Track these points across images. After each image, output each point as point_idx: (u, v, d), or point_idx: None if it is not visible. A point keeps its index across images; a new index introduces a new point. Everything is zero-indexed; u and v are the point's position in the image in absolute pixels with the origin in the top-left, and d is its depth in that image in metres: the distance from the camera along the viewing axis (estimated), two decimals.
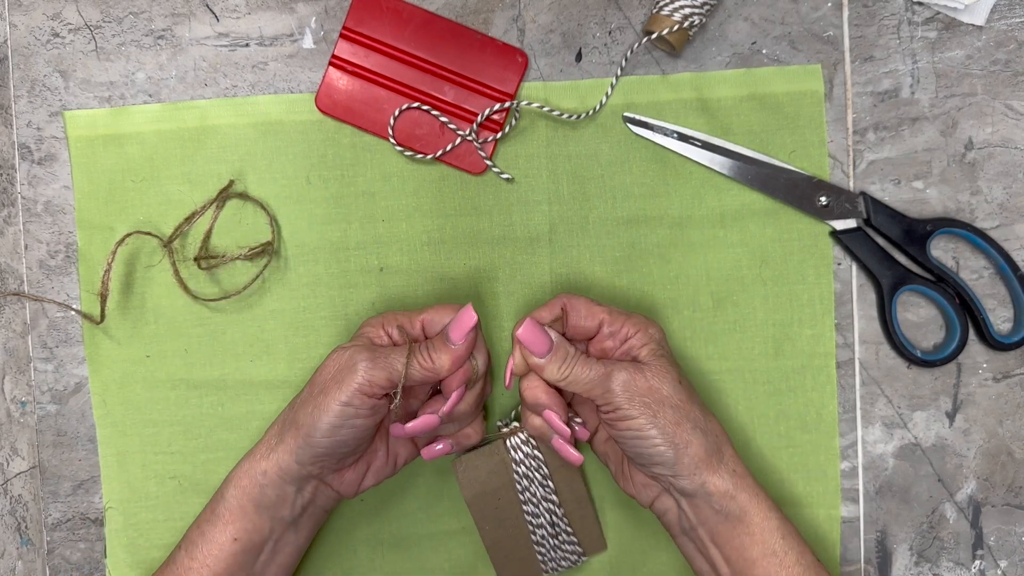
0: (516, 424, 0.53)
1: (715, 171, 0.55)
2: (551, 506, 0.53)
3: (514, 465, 0.52)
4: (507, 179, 0.55)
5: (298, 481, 0.47)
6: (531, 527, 0.53)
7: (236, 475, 0.48)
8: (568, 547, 0.54)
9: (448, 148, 0.54)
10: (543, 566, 0.54)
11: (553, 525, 0.53)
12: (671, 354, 0.49)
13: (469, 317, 0.47)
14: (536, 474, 0.52)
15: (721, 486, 0.46)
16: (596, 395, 0.46)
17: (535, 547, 0.53)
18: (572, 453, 0.48)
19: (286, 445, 0.47)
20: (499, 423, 0.54)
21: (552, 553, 0.53)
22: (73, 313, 0.55)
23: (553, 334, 0.47)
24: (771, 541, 0.46)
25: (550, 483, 0.53)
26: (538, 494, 0.53)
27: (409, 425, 0.48)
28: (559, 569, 0.54)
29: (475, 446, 0.52)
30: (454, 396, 0.48)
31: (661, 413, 0.46)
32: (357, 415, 0.46)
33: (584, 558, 0.54)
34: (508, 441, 0.52)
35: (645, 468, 0.47)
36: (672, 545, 0.54)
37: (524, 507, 0.53)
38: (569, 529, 0.53)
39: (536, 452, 0.52)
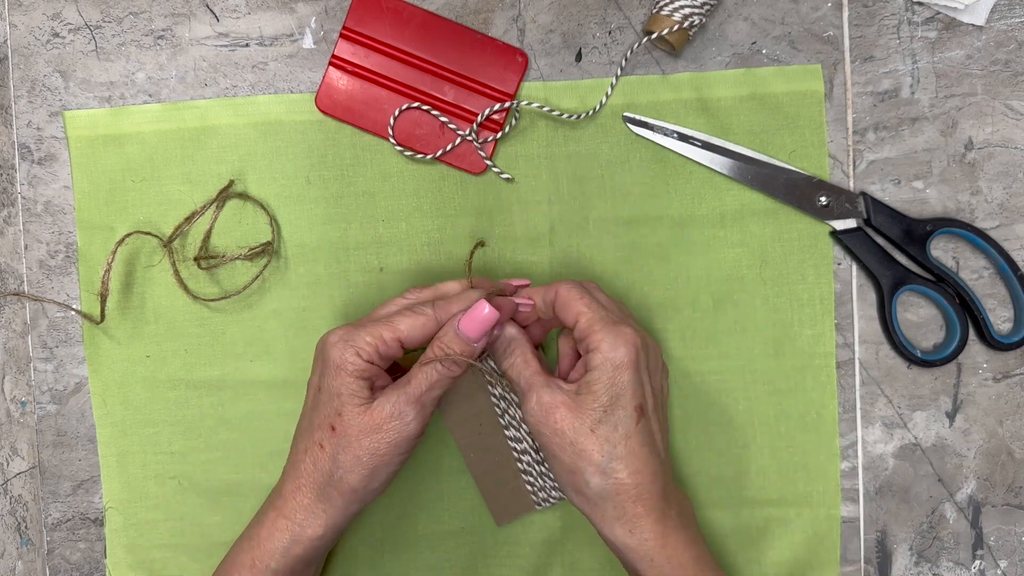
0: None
1: (715, 171, 0.55)
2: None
3: (489, 387, 0.52)
4: (507, 179, 0.55)
5: (344, 526, 0.48)
6: (516, 453, 0.52)
7: (280, 544, 0.47)
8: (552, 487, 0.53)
9: (448, 148, 0.54)
10: (533, 497, 0.53)
11: (537, 451, 0.52)
12: (631, 381, 0.45)
13: (489, 315, 0.45)
14: (512, 395, 0.52)
15: (619, 540, 0.45)
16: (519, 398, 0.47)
17: (523, 476, 0.53)
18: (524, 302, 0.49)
19: (341, 508, 0.46)
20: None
21: (540, 482, 0.53)
22: (73, 313, 0.55)
23: (510, 328, 0.48)
24: None
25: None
26: (517, 416, 0.52)
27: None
28: (550, 501, 0.53)
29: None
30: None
31: (558, 453, 0.45)
32: (410, 451, 0.47)
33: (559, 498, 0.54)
34: (482, 364, 0.50)
35: None
36: None
37: (506, 432, 0.52)
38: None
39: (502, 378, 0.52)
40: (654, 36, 0.52)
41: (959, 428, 0.55)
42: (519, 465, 0.53)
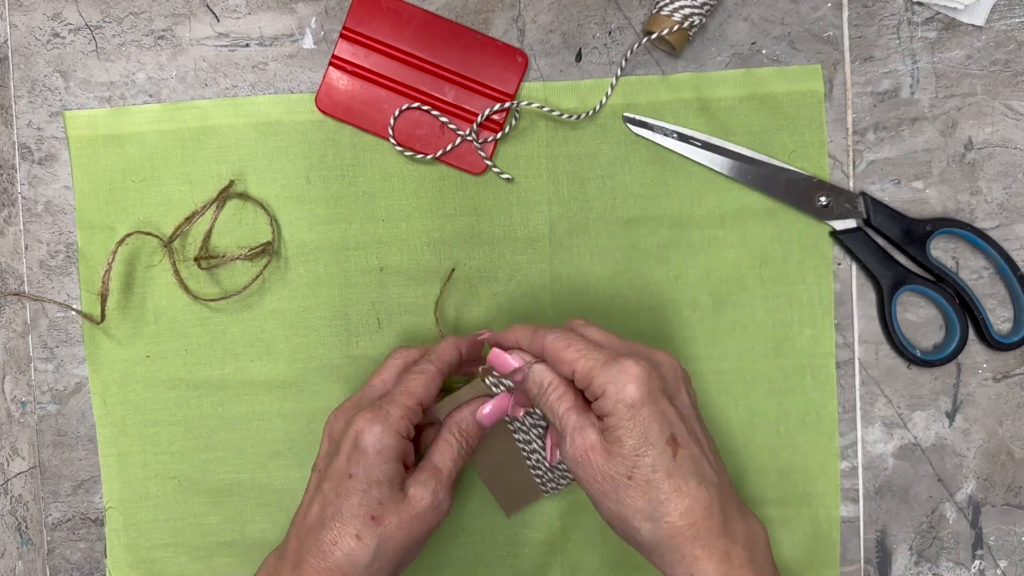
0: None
1: (715, 171, 0.55)
2: (541, 431, 0.51)
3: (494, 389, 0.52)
4: (507, 179, 0.55)
5: None
6: (525, 453, 0.52)
7: None
8: (565, 465, 0.53)
9: (448, 148, 0.54)
10: (542, 487, 0.53)
11: (546, 448, 0.53)
12: (652, 415, 0.41)
13: (504, 406, 0.47)
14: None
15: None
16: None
17: (531, 471, 0.52)
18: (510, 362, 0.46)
19: None
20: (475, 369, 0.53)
21: (550, 474, 0.53)
22: (73, 313, 0.55)
23: (527, 361, 0.46)
24: None
25: (536, 410, 0.51)
26: (527, 422, 0.52)
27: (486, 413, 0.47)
28: (560, 486, 0.53)
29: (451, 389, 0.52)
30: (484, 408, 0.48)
31: (602, 500, 0.42)
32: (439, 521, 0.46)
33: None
34: (485, 379, 0.50)
35: None
36: None
37: (515, 436, 0.52)
38: None
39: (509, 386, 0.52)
40: (654, 36, 0.52)
41: (959, 428, 0.55)
42: (528, 462, 0.53)
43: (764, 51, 0.54)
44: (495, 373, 0.49)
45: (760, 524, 0.43)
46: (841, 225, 0.54)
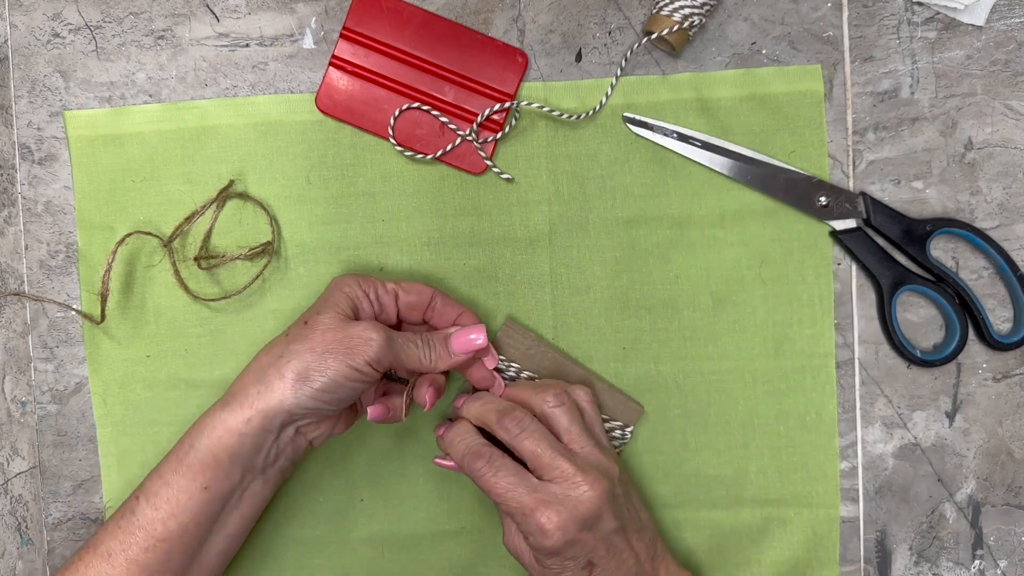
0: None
1: (715, 171, 0.55)
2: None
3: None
4: (507, 179, 0.55)
5: (279, 429, 0.47)
6: None
7: (208, 425, 0.47)
8: (608, 432, 0.54)
9: (448, 148, 0.54)
10: None
11: None
12: (570, 556, 0.46)
13: (479, 343, 0.49)
14: (519, 376, 0.54)
15: None
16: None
17: None
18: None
19: (275, 392, 0.46)
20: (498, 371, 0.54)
21: None
22: (73, 313, 0.55)
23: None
24: None
25: (513, 364, 0.53)
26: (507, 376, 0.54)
27: (373, 413, 0.50)
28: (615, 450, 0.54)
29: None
30: (430, 395, 0.50)
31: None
32: (360, 380, 0.47)
33: (629, 430, 0.54)
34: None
35: None
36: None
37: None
38: (604, 416, 0.53)
39: (519, 370, 0.53)
40: (654, 36, 0.52)
41: (959, 428, 0.55)
42: None
43: (764, 51, 0.55)
44: (499, 365, 0.53)
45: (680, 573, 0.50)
46: (841, 225, 0.54)
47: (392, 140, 0.54)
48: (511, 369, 0.54)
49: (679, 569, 0.50)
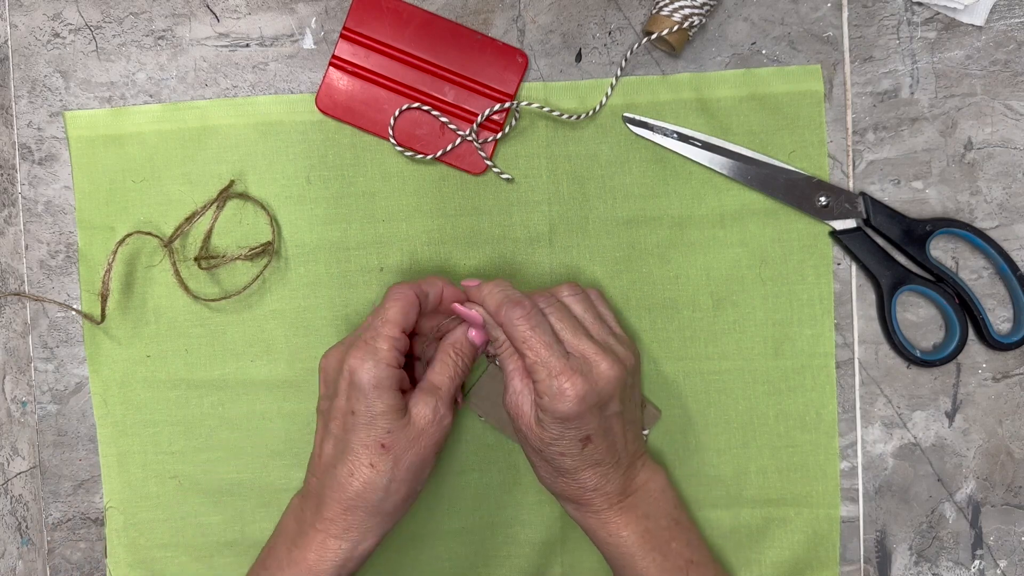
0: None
1: (715, 171, 0.55)
2: None
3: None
4: (507, 179, 0.55)
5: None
6: None
7: (331, 565, 0.47)
8: None
9: (448, 148, 0.54)
10: None
11: None
12: (574, 426, 0.46)
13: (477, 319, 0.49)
14: None
15: (571, 514, 0.50)
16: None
17: None
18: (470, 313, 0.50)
19: (390, 518, 0.48)
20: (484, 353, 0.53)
21: None
22: (73, 313, 0.55)
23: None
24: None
25: None
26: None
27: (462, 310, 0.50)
28: None
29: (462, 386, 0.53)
30: (478, 336, 0.51)
31: (522, 441, 0.49)
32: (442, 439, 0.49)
33: (645, 432, 0.54)
34: (497, 360, 0.52)
35: None
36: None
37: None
38: None
39: None
40: (654, 36, 0.52)
41: (959, 428, 0.55)
42: None
43: (764, 51, 0.55)
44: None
45: (655, 472, 0.51)
46: (841, 225, 0.54)
47: (392, 140, 0.54)
48: None
49: (654, 464, 0.51)
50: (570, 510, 0.50)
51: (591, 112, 0.54)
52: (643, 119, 0.54)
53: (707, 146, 0.54)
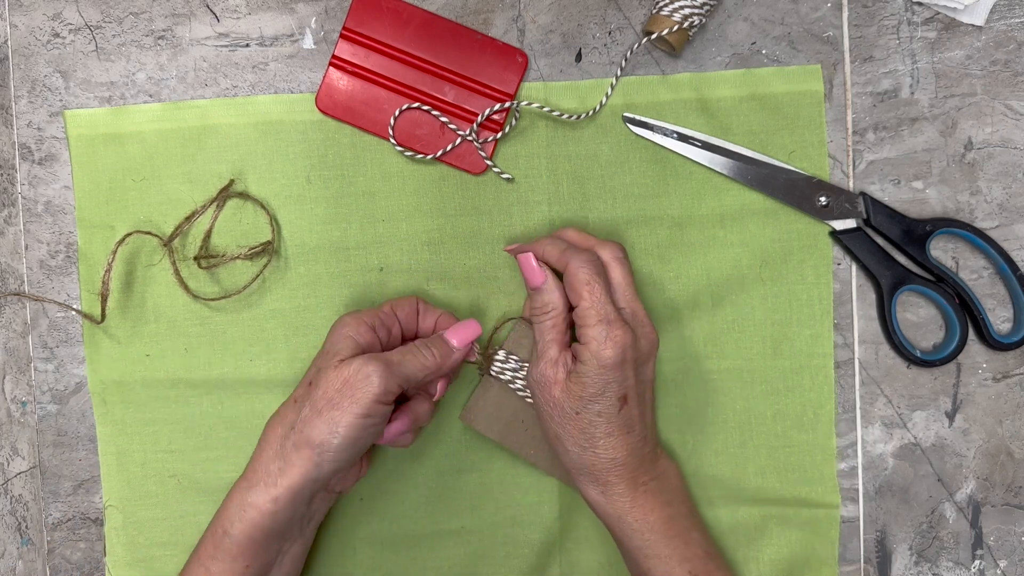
0: (484, 353, 0.53)
1: (715, 171, 0.55)
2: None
3: (510, 385, 0.53)
4: (507, 179, 0.55)
5: (308, 499, 0.48)
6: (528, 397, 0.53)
7: (236, 508, 0.47)
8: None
9: (448, 148, 0.54)
10: None
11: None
12: (616, 379, 0.47)
13: (475, 330, 0.50)
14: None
15: (592, 499, 0.49)
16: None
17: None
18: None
19: (297, 467, 0.46)
20: (470, 361, 0.53)
21: None
22: (73, 313, 0.55)
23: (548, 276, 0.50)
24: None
25: (514, 355, 0.53)
26: (511, 364, 0.53)
27: (389, 431, 0.49)
28: None
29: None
30: (441, 385, 0.52)
31: (547, 420, 0.49)
32: (376, 422, 0.46)
33: None
34: (491, 370, 0.53)
35: None
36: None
37: (515, 389, 0.53)
38: None
39: (523, 363, 0.53)
40: (654, 36, 0.52)
41: (959, 428, 0.55)
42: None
43: (764, 51, 0.55)
44: (498, 355, 0.53)
45: (672, 462, 0.52)
46: (841, 225, 0.54)
47: (392, 140, 0.54)
48: (522, 367, 0.53)
49: (670, 456, 0.53)
50: (593, 496, 0.49)
51: (591, 112, 0.54)
52: (643, 119, 0.54)
53: (707, 146, 0.54)
